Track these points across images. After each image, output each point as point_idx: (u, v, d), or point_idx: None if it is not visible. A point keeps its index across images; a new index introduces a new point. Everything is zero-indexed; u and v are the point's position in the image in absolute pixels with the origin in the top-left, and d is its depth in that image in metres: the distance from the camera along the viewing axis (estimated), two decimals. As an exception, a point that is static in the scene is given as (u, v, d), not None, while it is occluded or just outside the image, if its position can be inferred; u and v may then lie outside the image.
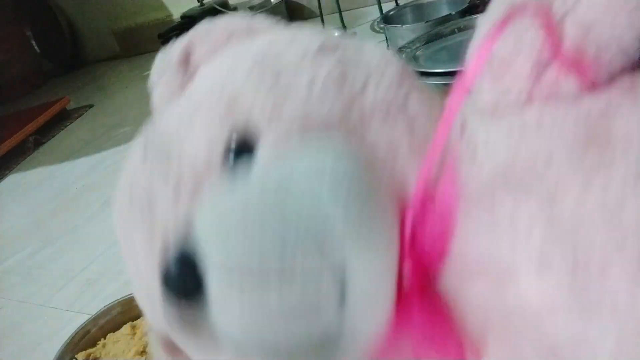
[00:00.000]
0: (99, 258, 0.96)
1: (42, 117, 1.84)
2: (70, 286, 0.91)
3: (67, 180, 1.40)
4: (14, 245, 1.14)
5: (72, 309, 0.84)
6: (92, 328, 0.68)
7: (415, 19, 1.45)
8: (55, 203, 1.28)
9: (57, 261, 1.01)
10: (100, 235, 1.05)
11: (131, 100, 1.97)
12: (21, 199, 1.42)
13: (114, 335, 0.67)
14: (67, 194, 1.31)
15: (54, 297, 0.89)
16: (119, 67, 2.60)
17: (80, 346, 0.66)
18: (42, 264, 1.03)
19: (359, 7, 2.01)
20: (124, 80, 2.30)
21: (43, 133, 1.83)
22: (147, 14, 2.53)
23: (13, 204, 1.42)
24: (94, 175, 1.37)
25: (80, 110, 2.01)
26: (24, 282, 0.98)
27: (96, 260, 0.96)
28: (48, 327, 0.82)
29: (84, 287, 0.89)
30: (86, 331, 0.68)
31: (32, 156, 1.71)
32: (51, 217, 1.22)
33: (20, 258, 1.08)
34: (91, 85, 2.40)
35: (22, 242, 1.14)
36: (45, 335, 0.80)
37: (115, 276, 0.89)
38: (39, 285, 0.95)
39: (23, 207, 1.36)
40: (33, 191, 1.43)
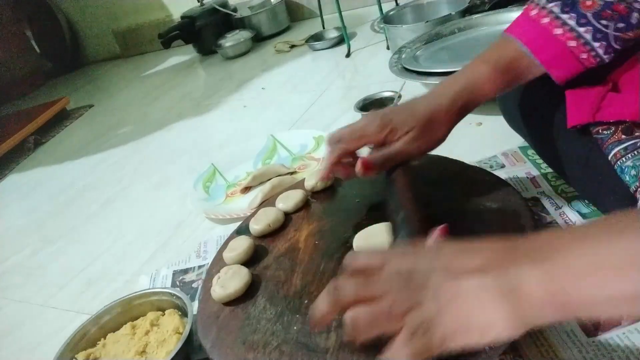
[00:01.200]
0: (99, 258, 0.96)
1: (42, 117, 1.84)
2: (70, 286, 0.91)
3: (67, 180, 1.40)
4: (14, 245, 1.14)
5: (72, 309, 0.84)
6: (92, 328, 0.68)
7: (415, 19, 1.46)
8: (55, 203, 1.28)
9: (57, 261, 1.02)
10: (100, 235, 1.05)
11: (131, 100, 1.97)
12: (21, 199, 1.42)
13: (114, 335, 0.67)
14: (67, 194, 1.31)
15: (54, 297, 0.90)
16: (119, 67, 2.60)
17: (80, 346, 0.67)
18: (42, 264, 1.03)
19: (359, 7, 2.01)
20: (124, 80, 2.30)
21: (43, 133, 1.83)
22: (147, 14, 2.53)
23: (13, 204, 1.42)
24: (94, 175, 1.37)
25: (80, 110, 2.01)
26: (24, 282, 0.98)
27: (96, 260, 0.96)
28: (48, 327, 0.82)
29: (84, 287, 0.89)
30: (86, 331, 0.68)
31: (32, 156, 1.71)
32: (51, 217, 1.22)
33: (20, 258, 1.08)
34: (91, 85, 2.40)
35: (22, 242, 1.14)
36: (45, 335, 0.80)
37: (115, 276, 0.89)
38: (39, 285, 0.95)
39: (23, 207, 1.36)
40: (33, 191, 1.43)
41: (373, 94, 1.01)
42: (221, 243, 0.80)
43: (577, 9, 0.52)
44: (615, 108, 0.52)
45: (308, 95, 1.36)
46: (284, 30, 2.07)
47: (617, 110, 0.52)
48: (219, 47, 1.97)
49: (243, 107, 1.47)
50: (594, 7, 0.51)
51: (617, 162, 0.51)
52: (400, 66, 1.06)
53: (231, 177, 1.03)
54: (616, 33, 0.51)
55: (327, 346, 0.49)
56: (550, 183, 0.70)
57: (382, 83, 1.24)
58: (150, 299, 0.69)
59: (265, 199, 0.85)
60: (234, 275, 0.62)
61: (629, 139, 0.51)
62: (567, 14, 0.52)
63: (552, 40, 0.53)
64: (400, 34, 1.30)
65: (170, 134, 1.47)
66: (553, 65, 0.54)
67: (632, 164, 0.50)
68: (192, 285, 0.77)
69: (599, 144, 0.54)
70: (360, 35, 1.73)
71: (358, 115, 1.00)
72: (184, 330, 0.61)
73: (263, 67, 1.75)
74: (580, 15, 0.52)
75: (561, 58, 0.53)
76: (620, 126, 0.52)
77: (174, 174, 1.20)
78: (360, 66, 1.47)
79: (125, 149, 1.47)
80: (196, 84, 1.89)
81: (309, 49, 1.75)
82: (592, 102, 0.54)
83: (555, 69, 0.54)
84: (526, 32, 0.55)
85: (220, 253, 0.70)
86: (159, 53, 2.47)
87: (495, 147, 0.82)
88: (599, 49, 0.52)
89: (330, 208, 0.73)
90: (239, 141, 1.23)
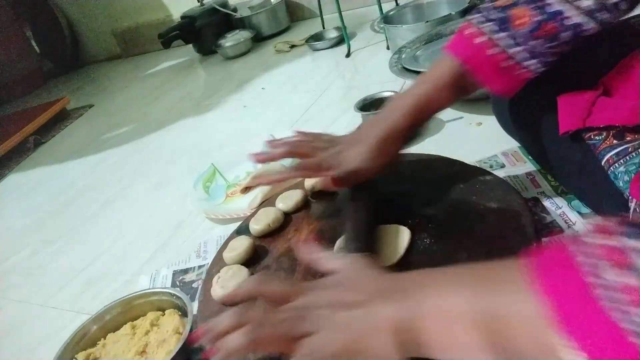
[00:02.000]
0: (99, 258, 0.96)
1: (42, 117, 1.84)
2: (70, 286, 0.91)
3: (67, 180, 1.40)
4: (14, 245, 1.14)
5: (72, 309, 0.84)
6: (92, 328, 0.68)
7: (415, 19, 1.46)
8: (55, 203, 1.28)
9: (57, 261, 1.02)
10: (100, 235, 1.05)
11: (131, 100, 1.97)
12: (21, 199, 1.42)
13: (114, 335, 0.67)
14: (67, 194, 1.31)
15: (54, 297, 0.90)
16: (119, 67, 2.60)
17: (80, 346, 0.67)
18: (42, 264, 1.03)
19: (359, 7, 2.01)
20: (124, 80, 2.30)
21: (43, 133, 1.83)
22: (147, 14, 2.53)
23: (13, 204, 1.42)
24: (94, 175, 1.37)
25: (80, 110, 2.01)
26: (24, 282, 0.98)
27: (96, 260, 0.96)
28: (48, 327, 0.82)
29: (84, 287, 0.89)
30: (86, 331, 0.68)
31: (32, 156, 1.71)
32: (51, 217, 1.22)
33: (20, 258, 1.08)
34: (91, 85, 2.40)
35: (22, 242, 1.14)
36: (45, 335, 0.80)
37: (115, 276, 0.89)
38: (39, 285, 0.95)
39: (23, 207, 1.36)
40: (33, 191, 1.43)
41: (373, 94, 1.01)
42: (221, 243, 0.80)
43: (509, 29, 0.53)
44: (606, 113, 0.52)
45: (308, 95, 1.36)
46: (284, 30, 2.07)
47: (608, 115, 0.52)
48: (219, 47, 1.97)
49: (243, 107, 1.47)
50: (525, 27, 0.52)
51: (610, 167, 0.51)
52: (400, 66, 1.06)
53: (231, 177, 1.03)
54: (548, 50, 0.53)
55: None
56: (550, 183, 0.70)
57: (382, 83, 1.24)
58: (150, 299, 0.69)
59: (265, 199, 0.85)
60: (234, 275, 0.62)
61: (621, 144, 0.51)
62: (500, 32, 0.53)
63: (486, 60, 0.54)
64: (400, 34, 1.30)
65: (170, 134, 1.47)
66: (490, 82, 0.55)
67: (625, 170, 0.49)
68: (192, 285, 0.77)
69: (592, 150, 0.54)
70: (360, 35, 1.73)
71: (358, 115, 1.00)
72: (184, 330, 0.61)
73: (263, 67, 1.75)
74: (512, 36, 0.53)
75: (498, 75, 0.55)
76: (612, 131, 0.52)
77: (174, 174, 1.20)
78: (360, 66, 1.47)
79: (125, 149, 1.47)
80: (196, 84, 1.89)
81: (309, 49, 1.75)
82: (583, 108, 0.54)
83: (494, 85, 0.56)
84: (463, 50, 0.56)
85: (220, 253, 0.70)
86: (159, 53, 2.47)
87: (495, 147, 0.82)
88: (533, 66, 0.53)
89: (330, 208, 0.73)
90: (239, 141, 1.23)
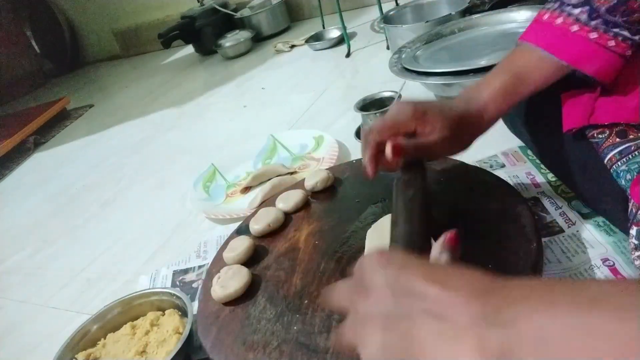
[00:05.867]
0: (99, 258, 0.96)
1: (42, 117, 1.85)
2: (70, 286, 0.91)
3: (67, 180, 1.40)
4: (14, 245, 1.14)
5: (72, 309, 0.84)
6: (92, 328, 0.68)
7: (415, 19, 1.45)
8: (55, 203, 1.28)
9: (57, 261, 1.02)
10: (100, 235, 1.05)
11: (131, 100, 1.97)
12: (21, 199, 1.42)
13: (114, 335, 0.67)
14: (67, 194, 1.31)
15: (54, 297, 0.90)
16: (119, 67, 2.60)
17: (80, 346, 0.67)
18: (42, 264, 1.03)
19: (359, 7, 2.01)
20: (124, 80, 2.30)
21: (43, 133, 1.83)
22: (147, 14, 2.53)
23: (13, 204, 1.42)
24: (94, 175, 1.37)
25: (80, 110, 2.01)
26: (24, 282, 0.98)
27: (96, 260, 0.96)
28: (48, 327, 0.82)
29: (84, 287, 0.89)
30: (86, 331, 0.68)
31: (32, 156, 1.71)
32: (51, 217, 1.22)
33: (20, 258, 1.08)
34: (91, 85, 2.40)
35: (22, 242, 1.14)
36: (45, 335, 0.80)
37: (115, 276, 0.89)
38: (39, 285, 0.95)
39: (23, 207, 1.36)
40: (33, 191, 1.43)
41: (373, 94, 1.01)
42: (221, 243, 0.80)
43: (590, 3, 0.50)
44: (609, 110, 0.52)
45: (308, 95, 1.36)
46: (284, 30, 2.07)
47: (611, 112, 0.52)
48: (219, 47, 1.97)
49: (243, 107, 1.47)
50: (608, 3, 0.49)
51: (612, 166, 0.51)
52: (400, 66, 1.06)
53: (231, 177, 1.03)
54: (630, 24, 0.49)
55: (327, 346, 0.49)
56: (550, 183, 0.70)
57: (382, 83, 1.24)
58: (150, 299, 0.69)
59: (265, 199, 0.85)
60: (234, 275, 0.62)
61: (624, 142, 0.51)
62: (579, 8, 0.51)
63: (572, 38, 0.51)
64: (400, 34, 1.30)
65: (170, 134, 1.47)
66: (582, 61, 0.51)
67: (627, 168, 0.49)
68: (192, 285, 0.77)
69: (595, 148, 0.54)
70: (360, 35, 1.73)
71: (358, 115, 1.00)
72: (184, 330, 0.61)
73: (263, 67, 1.75)
74: (593, 10, 0.50)
75: (588, 52, 0.51)
76: (615, 129, 0.52)
77: (174, 174, 1.20)
78: (360, 66, 1.47)
79: (125, 149, 1.47)
80: (196, 84, 1.89)
81: (309, 49, 1.75)
82: (587, 105, 0.54)
83: (587, 65, 0.51)
84: (543, 37, 0.53)
85: (220, 253, 0.70)
86: (159, 53, 2.47)
87: (495, 147, 0.82)
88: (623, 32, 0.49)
89: (330, 208, 0.73)
90: (239, 141, 1.23)
